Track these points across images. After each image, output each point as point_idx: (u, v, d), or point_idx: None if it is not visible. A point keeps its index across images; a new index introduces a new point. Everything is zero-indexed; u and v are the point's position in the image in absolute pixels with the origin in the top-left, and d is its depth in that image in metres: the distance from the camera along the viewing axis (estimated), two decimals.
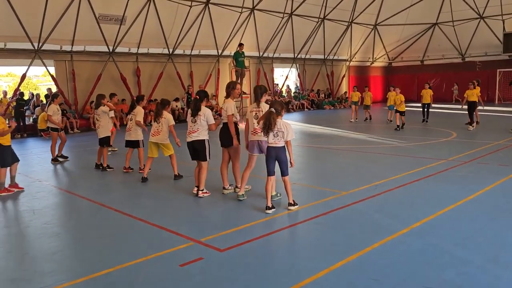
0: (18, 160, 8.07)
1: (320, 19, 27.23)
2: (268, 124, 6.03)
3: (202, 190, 7.15)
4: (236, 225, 5.68)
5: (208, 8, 21.79)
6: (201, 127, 7.05)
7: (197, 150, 7.11)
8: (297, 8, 25.30)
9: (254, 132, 6.69)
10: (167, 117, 8.37)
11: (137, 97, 9.58)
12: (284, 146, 6.18)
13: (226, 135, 7.00)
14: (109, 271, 4.41)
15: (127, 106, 20.55)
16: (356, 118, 19.57)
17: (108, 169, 9.72)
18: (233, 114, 6.94)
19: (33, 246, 5.33)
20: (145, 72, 21.50)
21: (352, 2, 27.23)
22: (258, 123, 6.47)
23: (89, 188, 8.37)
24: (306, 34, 27.39)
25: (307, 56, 29.21)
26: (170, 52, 22.08)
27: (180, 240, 5.21)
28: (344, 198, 6.83)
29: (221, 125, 7.19)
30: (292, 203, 6.28)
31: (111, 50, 19.98)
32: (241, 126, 7.43)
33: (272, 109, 6.10)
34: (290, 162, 6.23)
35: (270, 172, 6.25)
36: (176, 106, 21.47)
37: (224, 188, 7.30)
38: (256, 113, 6.70)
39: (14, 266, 4.68)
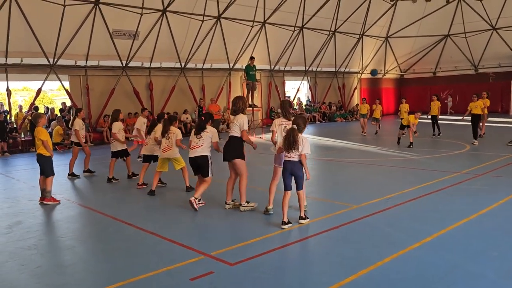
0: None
1: (331, 32, 27.35)
2: (293, 141, 5.99)
3: (199, 199, 7.26)
4: (247, 239, 5.68)
5: (220, 23, 22.06)
6: (206, 143, 7.18)
7: (201, 166, 7.22)
8: (308, 22, 25.47)
9: None
10: (176, 131, 8.56)
11: (158, 116, 9.92)
12: (300, 160, 6.15)
13: (231, 149, 7.00)
14: (120, 284, 4.44)
15: None
16: (364, 131, 19.05)
17: (133, 177, 10.33)
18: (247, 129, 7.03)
19: (46, 259, 5.38)
20: (158, 86, 21.76)
21: (363, 14, 27.33)
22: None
23: (102, 202, 8.47)
24: (317, 47, 27.51)
25: (319, 69, 29.28)
26: (182, 66, 22.34)
27: (190, 253, 5.23)
28: (355, 211, 6.80)
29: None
30: (303, 217, 6.26)
31: (124, 65, 20.29)
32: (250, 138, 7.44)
33: (295, 126, 6.10)
34: (306, 175, 6.17)
35: (287, 187, 6.20)
36: (187, 118, 21.66)
37: (226, 203, 7.29)
38: (285, 126, 6.69)
39: (27, 279, 4.74)
